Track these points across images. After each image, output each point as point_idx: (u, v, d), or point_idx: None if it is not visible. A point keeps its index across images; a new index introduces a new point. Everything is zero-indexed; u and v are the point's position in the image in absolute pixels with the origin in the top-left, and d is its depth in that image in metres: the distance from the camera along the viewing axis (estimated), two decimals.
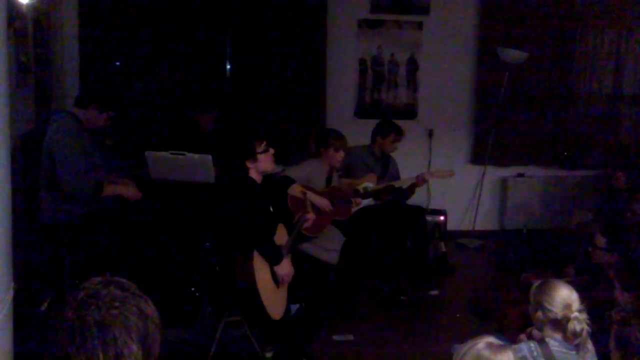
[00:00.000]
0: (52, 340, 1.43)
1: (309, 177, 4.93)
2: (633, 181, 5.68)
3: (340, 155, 5.03)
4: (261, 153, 3.97)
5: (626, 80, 7.30)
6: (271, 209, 4.17)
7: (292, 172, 4.92)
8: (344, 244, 4.95)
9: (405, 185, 5.75)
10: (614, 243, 4.17)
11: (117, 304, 1.46)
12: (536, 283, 2.90)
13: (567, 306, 2.71)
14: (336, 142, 5.00)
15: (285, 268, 3.92)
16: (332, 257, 4.85)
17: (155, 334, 1.51)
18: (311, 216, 4.37)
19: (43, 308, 4.32)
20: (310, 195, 4.74)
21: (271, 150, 4.03)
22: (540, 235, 6.67)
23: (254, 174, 4.00)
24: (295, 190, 4.76)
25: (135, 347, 1.45)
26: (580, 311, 2.71)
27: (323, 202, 4.86)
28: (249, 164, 3.97)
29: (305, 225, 4.34)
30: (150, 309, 1.53)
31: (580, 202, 7.11)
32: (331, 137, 5.04)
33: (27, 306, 4.10)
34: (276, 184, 4.67)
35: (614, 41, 7.20)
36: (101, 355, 1.41)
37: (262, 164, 4.01)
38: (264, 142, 4.00)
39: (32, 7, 4.95)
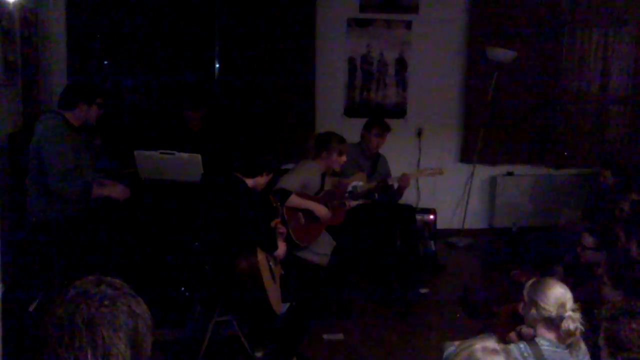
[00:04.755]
0: (41, 338, 1.42)
1: (305, 182, 4.83)
2: (620, 179, 5.71)
3: (343, 159, 4.96)
4: (261, 177, 4.17)
5: (613, 79, 7.34)
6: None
7: (288, 179, 4.78)
8: (334, 247, 4.95)
9: (394, 184, 5.75)
10: (603, 242, 4.19)
11: (107, 302, 1.46)
12: (530, 281, 2.91)
13: (562, 305, 2.72)
14: (340, 146, 4.92)
15: (281, 249, 4.15)
16: (323, 260, 4.84)
17: (146, 333, 1.50)
18: (283, 230, 4.41)
19: (32, 308, 4.29)
20: (313, 206, 4.78)
21: (270, 176, 4.19)
22: (529, 234, 6.70)
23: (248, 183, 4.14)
24: (294, 201, 4.70)
25: (123, 346, 1.44)
26: (574, 310, 2.72)
27: (323, 212, 4.84)
28: (244, 178, 4.08)
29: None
30: (142, 308, 1.52)
31: (569, 200, 7.15)
32: (334, 140, 4.94)
33: (16, 306, 4.08)
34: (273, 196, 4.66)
35: (601, 41, 7.24)
36: (89, 354, 1.40)
37: (257, 184, 4.16)
38: (271, 175, 4.20)
39: (19, 6, 4.92)
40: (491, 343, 2.07)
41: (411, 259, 5.77)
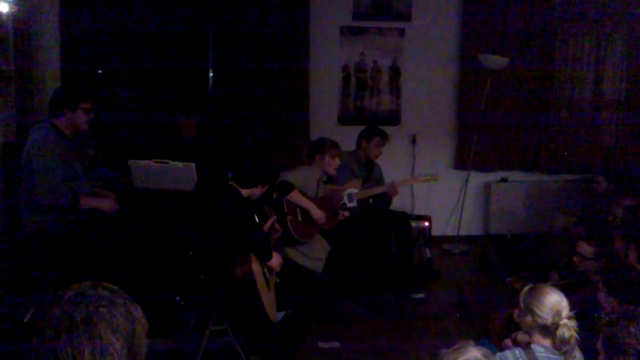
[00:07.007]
0: (38, 337, 1.42)
1: (302, 184, 4.94)
2: (614, 185, 5.72)
3: (337, 162, 5.10)
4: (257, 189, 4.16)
5: (606, 85, 7.38)
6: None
7: (290, 176, 4.94)
8: (329, 252, 4.97)
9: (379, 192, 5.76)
10: (601, 251, 4.19)
11: (105, 302, 1.47)
12: (526, 288, 2.91)
13: (557, 312, 2.72)
14: (332, 149, 5.06)
15: (276, 259, 4.12)
16: (317, 265, 4.86)
17: (142, 336, 1.51)
18: (279, 227, 4.43)
19: (26, 319, 4.27)
20: (311, 206, 4.85)
21: (266, 187, 4.19)
22: (524, 240, 6.70)
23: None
24: (294, 197, 4.80)
25: (119, 347, 1.44)
26: (569, 318, 2.72)
27: (319, 215, 4.90)
28: (239, 188, 4.07)
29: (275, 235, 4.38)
30: (138, 312, 1.53)
31: (563, 206, 7.16)
32: (327, 144, 5.08)
33: (10, 317, 4.05)
34: (275, 189, 4.71)
35: (593, 47, 7.29)
36: (87, 352, 1.41)
37: (252, 194, 4.15)
38: (267, 186, 4.20)
39: (12, 16, 4.91)
40: (480, 353, 2.05)
41: (406, 266, 5.77)
